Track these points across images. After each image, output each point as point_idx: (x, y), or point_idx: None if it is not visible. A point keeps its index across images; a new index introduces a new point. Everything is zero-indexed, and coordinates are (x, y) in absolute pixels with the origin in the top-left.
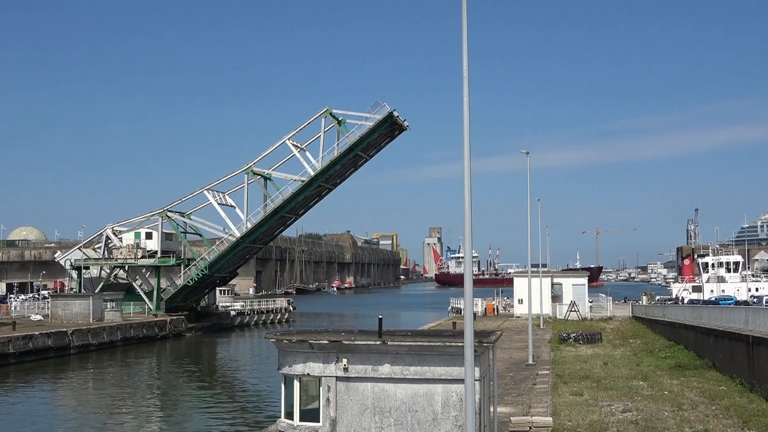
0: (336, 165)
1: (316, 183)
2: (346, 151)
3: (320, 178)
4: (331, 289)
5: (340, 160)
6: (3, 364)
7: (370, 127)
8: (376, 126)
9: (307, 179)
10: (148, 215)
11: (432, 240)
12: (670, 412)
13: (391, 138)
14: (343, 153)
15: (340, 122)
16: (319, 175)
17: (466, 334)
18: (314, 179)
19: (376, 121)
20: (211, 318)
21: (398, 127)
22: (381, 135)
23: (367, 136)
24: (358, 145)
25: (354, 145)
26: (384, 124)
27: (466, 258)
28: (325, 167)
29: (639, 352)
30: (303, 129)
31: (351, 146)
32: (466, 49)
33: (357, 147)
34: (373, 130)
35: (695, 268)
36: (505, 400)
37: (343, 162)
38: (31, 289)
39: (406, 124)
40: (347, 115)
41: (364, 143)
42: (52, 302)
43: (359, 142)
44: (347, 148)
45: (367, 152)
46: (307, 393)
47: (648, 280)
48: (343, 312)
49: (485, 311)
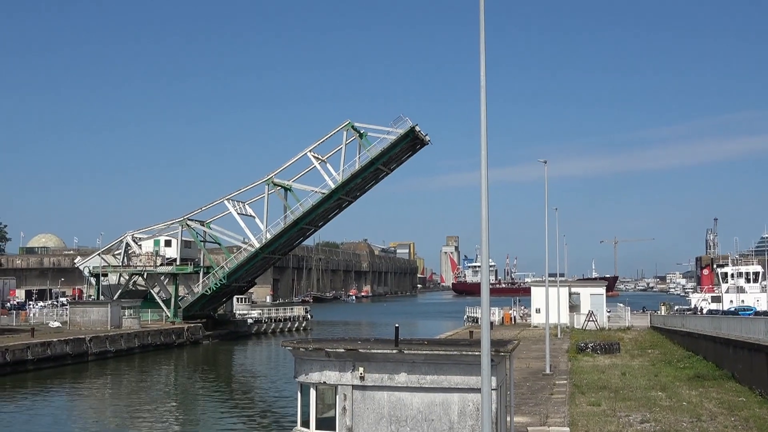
0: (357, 178)
1: (336, 195)
2: (368, 164)
3: (341, 191)
4: (349, 297)
5: (361, 173)
6: (21, 370)
7: (392, 141)
8: (398, 140)
9: (328, 192)
10: (169, 223)
11: (449, 249)
12: (689, 423)
13: (413, 152)
14: (365, 167)
15: (361, 135)
16: (340, 188)
17: (483, 343)
18: (335, 192)
19: (398, 136)
20: (228, 326)
21: (420, 141)
22: (403, 149)
23: (388, 150)
24: (380, 159)
25: (375, 158)
26: (406, 139)
27: (483, 267)
28: (346, 180)
29: (657, 363)
30: (324, 141)
31: (372, 160)
32: (484, 58)
33: (378, 161)
34: (394, 144)
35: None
36: (522, 409)
37: (364, 175)
38: (50, 296)
39: (427, 138)
40: (369, 128)
41: (385, 157)
42: (71, 309)
43: (380, 156)
44: (368, 161)
45: (388, 166)
46: (324, 401)
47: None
48: (359, 320)
49: (502, 320)
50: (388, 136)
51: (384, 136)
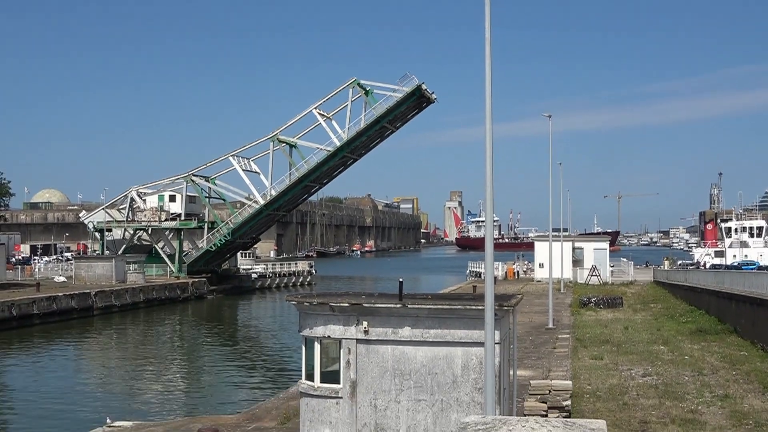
0: (362, 136)
1: (341, 153)
2: (373, 122)
3: (346, 149)
4: (354, 252)
5: (366, 131)
6: (27, 324)
7: (398, 99)
8: (404, 98)
9: (333, 149)
10: (173, 178)
11: (453, 204)
12: (691, 376)
13: (419, 110)
14: (370, 124)
15: (367, 93)
16: (345, 146)
17: (486, 298)
18: (340, 149)
19: (405, 94)
20: (233, 281)
21: (426, 99)
22: (409, 107)
23: (394, 108)
24: (385, 117)
25: (381, 116)
26: (412, 97)
27: (487, 222)
28: (351, 138)
29: (660, 317)
30: (330, 99)
31: (378, 118)
32: (489, 12)
33: (384, 119)
34: (400, 103)
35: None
36: (525, 363)
37: (370, 133)
38: (55, 251)
39: (434, 96)
40: (375, 86)
41: (391, 115)
42: (76, 264)
43: (386, 114)
44: (374, 119)
45: (393, 124)
46: (328, 355)
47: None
48: (363, 275)
49: (506, 275)
50: (394, 94)
51: (390, 94)
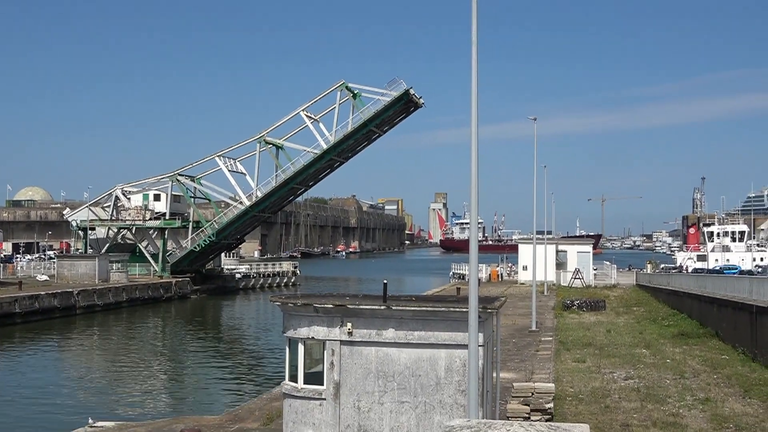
0: (349, 139)
1: (328, 156)
2: (360, 126)
3: (333, 152)
4: (339, 253)
5: (353, 134)
6: (9, 323)
7: (386, 103)
8: (392, 103)
9: (320, 152)
10: (159, 177)
11: (437, 205)
12: (672, 380)
13: (406, 114)
14: (357, 128)
15: (355, 96)
16: (332, 149)
17: (470, 300)
18: (326, 152)
19: (392, 98)
20: (217, 281)
21: (414, 104)
22: (396, 112)
23: (382, 112)
24: (373, 121)
25: (368, 120)
26: (400, 102)
27: (472, 224)
28: (338, 141)
29: (642, 320)
30: (318, 101)
31: (365, 122)
32: (476, 13)
33: (371, 123)
34: (388, 107)
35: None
36: (508, 366)
37: (357, 137)
38: (37, 250)
39: (421, 101)
40: (363, 89)
41: (378, 119)
42: (58, 263)
43: (374, 118)
44: (361, 123)
45: (381, 128)
46: (311, 356)
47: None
48: (347, 276)
49: (489, 277)
50: (382, 98)
51: (378, 98)
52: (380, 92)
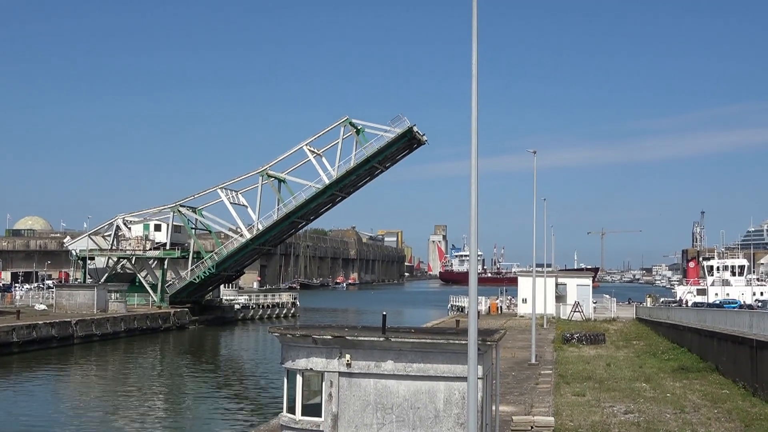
0: (352, 175)
1: (330, 191)
2: (363, 162)
3: (335, 187)
4: (340, 285)
5: (356, 170)
6: (6, 353)
7: (389, 140)
8: (396, 139)
9: (322, 187)
10: (160, 208)
11: (437, 237)
12: (672, 414)
13: (409, 151)
14: (360, 164)
15: (358, 131)
16: (334, 184)
17: (470, 332)
18: (329, 187)
19: (396, 135)
20: (215, 311)
21: (417, 141)
22: (399, 148)
23: (385, 148)
24: (376, 157)
25: (371, 156)
26: (403, 138)
27: (471, 256)
28: (341, 176)
29: (642, 354)
30: (321, 136)
31: (368, 158)
32: (476, 49)
33: (374, 159)
34: (391, 144)
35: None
36: (507, 399)
37: (359, 172)
38: (36, 279)
39: (425, 138)
40: (366, 125)
41: (381, 155)
42: (57, 292)
43: (377, 154)
44: (364, 159)
45: (383, 164)
46: (310, 388)
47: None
48: (346, 308)
49: (489, 310)
50: (386, 134)
51: (382, 134)
52: (384, 128)
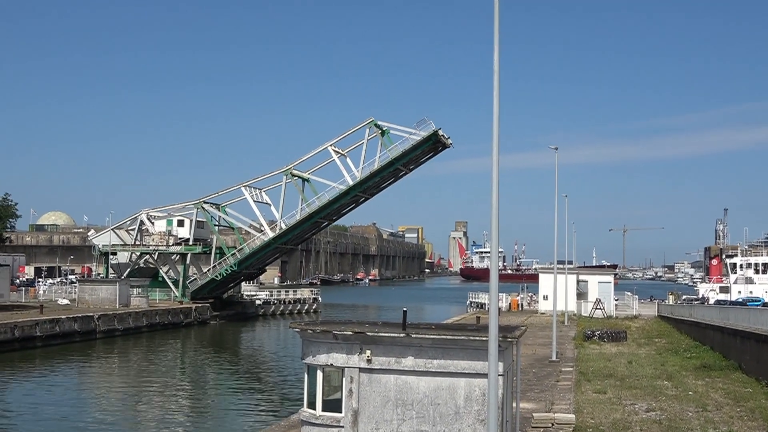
0: (375, 177)
1: (353, 192)
2: (387, 164)
3: (358, 188)
4: (362, 281)
5: (380, 172)
6: (30, 346)
7: (414, 143)
8: (420, 143)
9: (346, 188)
10: (184, 204)
11: (458, 234)
12: (695, 412)
13: (434, 153)
14: (384, 166)
15: (383, 132)
16: (358, 185)
17: (490, 329)
18: (352, 188)
19: (421, 138)
20: (236, 307)
21: (442, 144)
22: (424, 151)
23: (410, 151)
24: (400, 160)
25: (396, 159)
26: (428, 142)
27: (492, 253)
28: (365, 178)
29: (664, 352)
30: (346, 137)
31: (392, 160)
32: (497, 45)
33: (398, 161)
34: (416, 147)
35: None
36: (528, 396)
37: (383, 174)
38: (59, 274)
39: (449, 141)
40: (392, 127)
41: (406, 158)
42: (80, 287)
43: (401, 157)
44: (388, 161)
45: (407, 166)
46: (330, 383)
47: (675, 280)
48: (367, 304)
49: (510, 306)
50: (411, 136)
51: (407, 136)
52: (409, 131)
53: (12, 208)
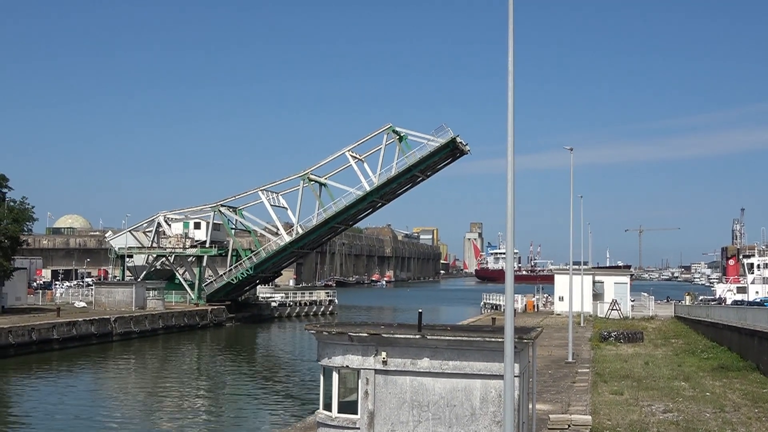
0: (393, 183)
1: (370, 198)
2: (405, 170)
3: (375, 194)
4: (379, 282)
5: (397, 178)
6: (47, 349)
7: (431, 150)
8: (438, 149)
9: (363, 193)
10: (202, 207)
11: (473, 235)
12: (712, 413)
13: (452, 160)
14: (402, 172)
15: (401, 138)
16: (375, 191)
17: (506, 330)
18: (369, 194)
19: (439, 145)
20: (252, 309)
21: (460, 151)
22: (441, 158)
23: (427, 158)
24: (418, 166)
25: (413, 166)
26: (446, 149)
27: (507, 254)
28: (382, 184)
29: (681, 353)
30: (364, 143)
31: (410, 166)
32: (512, 45)
33: (416, 168)
34: (434, 153)
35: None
36: (544, 397)
37: (400, 181)
38: (76, 276)
39: (467, 148)
40: (409, 133)
41: (423, 165)
42: (96, 290)
43: (419, 164)
44: (406, 168)
45: (425, 173)
46: (346, 385)
47: (691, 280)
48: (382, 305)
49: (525, 308)
50: (429, 143)
51: (424, 142)
52: (427, 137)
53: (29, 212)
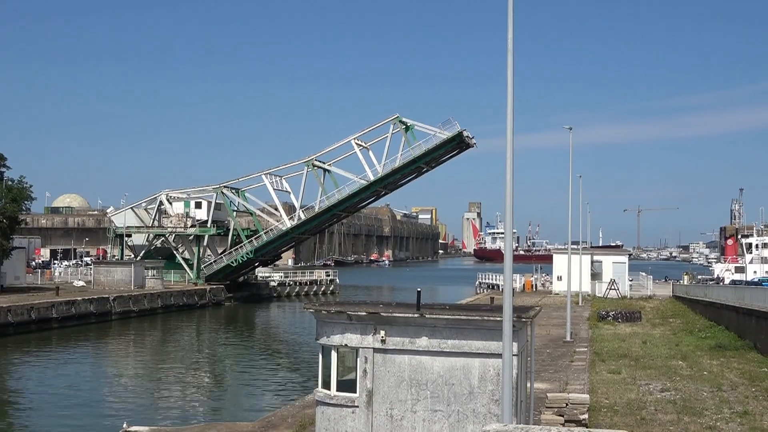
0: (397, 173)
1: (374, 187)
2: (410, 162)
3: (379, 184)
4: (382, 261)
5: (402, 169)
6: (46, 328)
7: (437, 143)
8: (444, 143)
9: (367, 182)
10: (205, 187)
11: (471, 215)
12: (709, 392)
13: (458, 152)
14: (407, 163)
15: (408, 128)
16: (379, 181)
17: (505, 309)
18: (373, 183)
19: (446, 138)
20: (251, 288)
21: (466, 145)
22: (447, 151)
23: (433, 150)
24: (423, 158)
25: (418, 157)
26: (452, 142)
27: (506, 234)
28: (386, 174)
29: (679, 332)
30: (370, 131)
31: (415, 158)
32: (512, 22)
33: (421, 159)
34: (439, 146)
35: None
36: (542, 376)
37: (405, 171)
38: (75, 256)
39: (473, 142)
40: (416, 124)
41: (428, 157)
42: (95, 269)
43: (424, 156)
44: (411, 159)
45: (429, 164)
46: (344, 364)
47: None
48: (381, 285)
49: (524, 287)
50: (435, 135)
51: (431, 134)
52: (433, 130)
53: (27, 191)
